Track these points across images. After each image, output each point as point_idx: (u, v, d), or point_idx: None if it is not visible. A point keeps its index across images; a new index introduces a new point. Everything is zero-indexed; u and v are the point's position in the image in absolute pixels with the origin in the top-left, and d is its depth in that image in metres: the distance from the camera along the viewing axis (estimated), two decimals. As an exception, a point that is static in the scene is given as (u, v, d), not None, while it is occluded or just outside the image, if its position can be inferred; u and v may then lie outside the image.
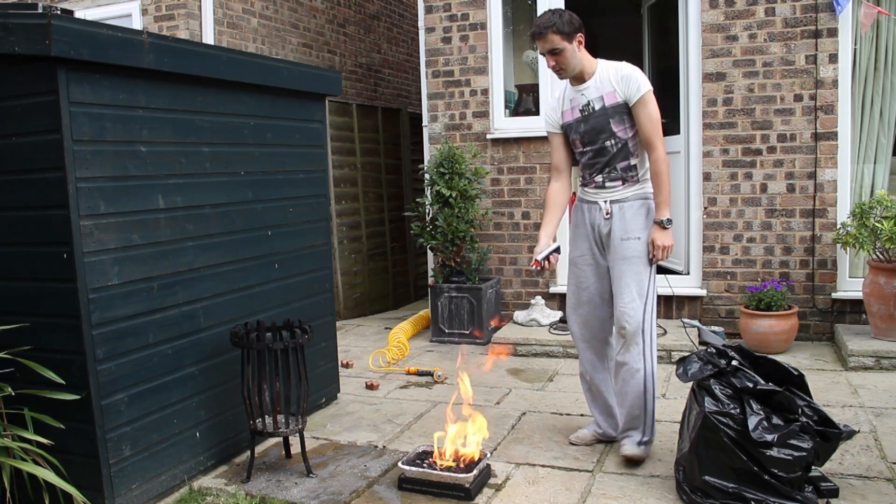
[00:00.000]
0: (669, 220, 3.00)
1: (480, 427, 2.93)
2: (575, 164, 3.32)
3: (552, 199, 3.26)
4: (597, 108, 3.05)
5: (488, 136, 5.53)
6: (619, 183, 3.07)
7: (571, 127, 3.12)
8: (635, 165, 3.07)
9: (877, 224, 4.21)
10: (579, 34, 3.02)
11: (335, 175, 6.18)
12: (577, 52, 3.01)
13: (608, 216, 3.07)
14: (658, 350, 4.51)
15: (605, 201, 3.08)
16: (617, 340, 3.11)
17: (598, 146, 3.07)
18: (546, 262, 3.13)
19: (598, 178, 3.12)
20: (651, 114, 3.02)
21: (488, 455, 2.96)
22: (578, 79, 3.08)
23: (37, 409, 2.51)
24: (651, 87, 3.05)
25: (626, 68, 3.09)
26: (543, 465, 3.06)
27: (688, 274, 5.22)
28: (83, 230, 2.49)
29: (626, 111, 3.02)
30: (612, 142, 3.05)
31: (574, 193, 4.12)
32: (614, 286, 3.07)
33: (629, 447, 3.04)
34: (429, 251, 5.74)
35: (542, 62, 5.38)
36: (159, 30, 5.89)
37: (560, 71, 3.04)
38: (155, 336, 2.79)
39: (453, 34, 5.58)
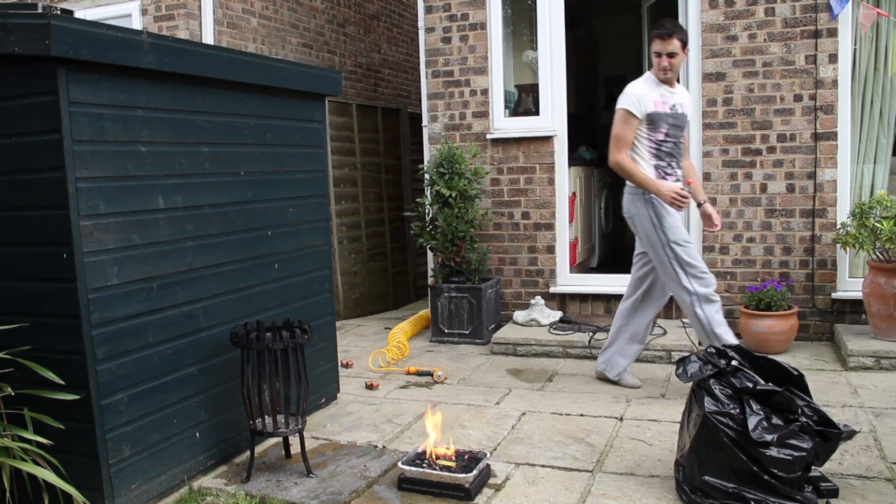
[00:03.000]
0: None
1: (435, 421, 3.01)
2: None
3: (634, 162, 3.76)
4: (680, 111, 3.77)
5: (488, 136, 5.53)
6: (681, 175, 3.87)
7: (661, 116, 3.70)
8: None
9: (877, 224, 4.22)
10: (686, 48, 3.76)
11: (335, 175, 6.18)
12: (681, 61, 3.74)
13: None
14: (658, 350, 4.57)
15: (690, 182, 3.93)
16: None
17: (678, 140, 3.78)
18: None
19: (678, 172, 3.82)
20: None
21: (488, 455, 2.96)
22: (670, 83, 3.76)
23: (37, 409, 2.51)
24: None
25: (686, 91, 4.01)
26: (543, 465, 3.06)
27: (688, 274, 5.21)
28: (83, 230, 2.49)
29: (686, 123, 3.85)
30: (682, 140, 3.82)
31: (574, 193, 4.41)
32: None
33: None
34: (429, 251, 5.74)
35: (542, 62, 5.39)
36: (159, 30, 5.89)
37: (668, 72, 3.69)
38: (155, 336, 2.79)
39: (453, 34, 5.58)
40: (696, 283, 3.66)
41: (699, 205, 3.96)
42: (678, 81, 3.88)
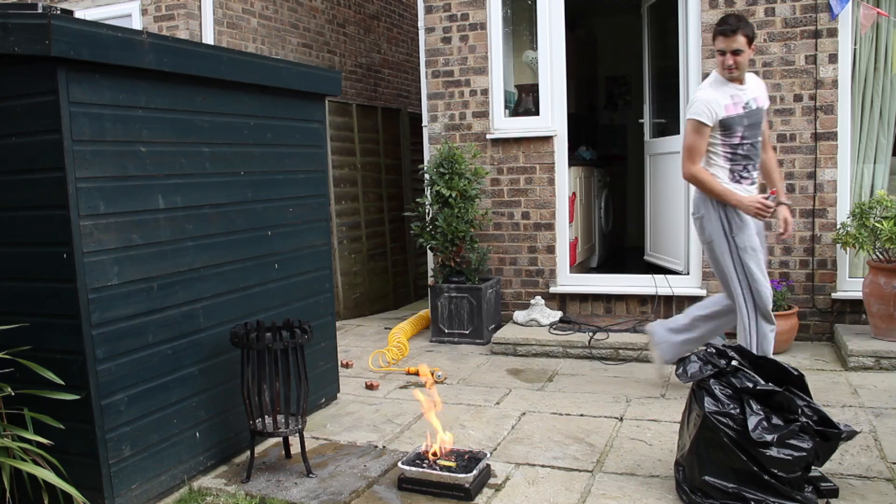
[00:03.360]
0: None
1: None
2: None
3: (710, 173, 3.53)
4: (754, 107, 3.49)
5: (488, 137, 5.53)
6: (758, 177, 3.63)
7: (734, 120, 3.45)
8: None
9: (877, 224, 4.21)
10: (753, 45, 3.49)
11: (335, 175, 6.18)
12: (748, 57, 3.47)
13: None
14: (658, 350, 4.56)
15: (774, 191, 3.58)
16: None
17: (755, 140, 3.52)
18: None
19: (755, 174, 3.57)
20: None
21: (488, 455, 2.96)
22: (739, 80, 3.50)
23: (37, 410, 2.51)
24: None
25: (760, 79, 3.72)
26: (543, 465, 3.06)
27: (688, 274, 5.22)
28: (83, 230, 2.49)
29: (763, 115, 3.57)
30: (760, 137, 3.56)
31: (574, 193, 4.23)
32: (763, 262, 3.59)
33: None
34: (429, 251, 5.74)
35: (542, 62, 5.39)
36: (159, 30, 5.89)
37: (735, 70, 3.43)
38: (155, 336, 2.79)
39: (453, 34, 5.58)
40: (757, 297, 3.49)
41: (777, 205, 3.60)
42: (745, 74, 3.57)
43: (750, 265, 3.47)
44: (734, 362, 2.64)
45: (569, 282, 5.50)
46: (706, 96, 3.47)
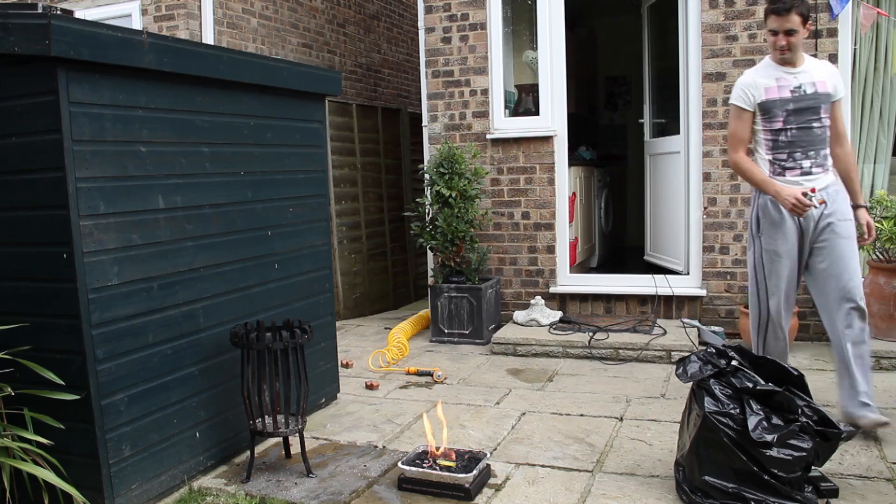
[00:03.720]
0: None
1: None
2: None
3: (752, 162, 3.35)
4: (808, 91, 3.22)
5: (488, 137, 5.53)
6: (822, 171, 3.25)
7: (776, 103, 3.24)
8: (827, 154, 3.28)
9: (877, 224, 4.22)
10: (809, 22, 3.21)
11: (335, 175, 6.18)
12: (803, 38, 3.21)
13: (823, 204, 3.19)
14: (658, 350, 4.57)
15: (814, 189, 3.18)
16: (847, 318, 3.25)
17: (804, 126, 3.23)
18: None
19: (805, 164, 3.24)
20: (843, 112, 3.34)
21: (488, 455, 2.96)
22: (791, 63, 3.24)
23: (37, 410, 2.51)
24: None
25: (832, 66, 3.40)
26: (543, 465, 3.06)
27: (688, 274, 5.22)
28: (83, 230, 2.49)
29: (829, 103, 3.26)
30: (819, 125, 3.23)
31: (574, 193, 4.10)
32: (835, 265, 3.23)
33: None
34: (429, 251, 5.74)
35: (542, 62, 5.39)
36: (159, 30, 5.89)
37: (787, 51, 3.20)
38: (155, 336, 2.79)
39: (453, 34, 5.58)
40: (764, 308, 3.34)
41: (854, 208, 3.33)
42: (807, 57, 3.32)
43: (767, 271, 3.29)
44: (734, 362, 2.64)
45: (569, 282, 5.50)
46: (745, 79, 3.32)
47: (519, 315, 5.26)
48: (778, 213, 3.25)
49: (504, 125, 5.55)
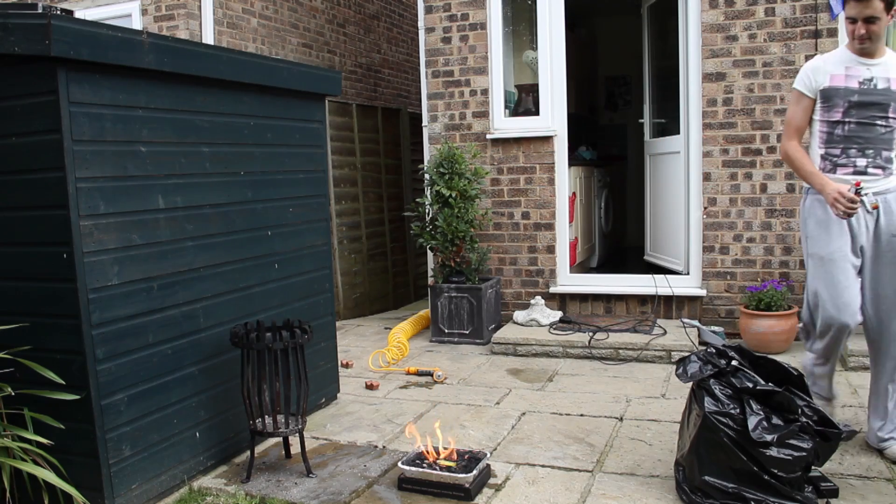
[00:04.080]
0: None
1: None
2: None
3: (804, 152, 3.09)
4: (880, 86, 2.93)
5: (488, 137, 5.53)
6: (880, 173, 2.95)
7: (838, 92, 2.97)
8: (892, 158, 2.98)
9: None
10: (894, 9, 2.88)
11: (335, 175, 6.18)
12: (886, 27, 2.90)
13: (874, 210, 2.93)
14: (658, 350, 4.56)
15: (867, 192, 2.92)
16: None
17: (865, 122, 2.95)
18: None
19: (861, 162, 2.96)
20: None
21: (488, 455, 2.96)
22: (869, 53, 2.95)
23: (37, 409, 2.51)
24: None
25: None
26: (543, 465, 3.06)
27: (688, 274, 5.22)
28: (83, 230, 2.49)
29: None
30: (884, 123, 2.94)
31: (574, 193, 3.98)
32: (885, 286, 2.96)
33: None
34: (429, 251, 5.74)
35: (542, 62, 5.39)
36: (159, 30, 5.89)
37: (866, 41, 2.89)
38: (155, 336, 2.79)
39: (453, 34, 5.58)
40: (814, 313, 3.03)
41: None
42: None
43: (817, 273, 2.98)
44: (734, 362, 2.64)
45: (569, 282, 5.50)
46: (812, 63, 3.07)
47: (519, 315, 5.26)
48: (824, 213, 2.97)
49: (504, 125, 5.55)
